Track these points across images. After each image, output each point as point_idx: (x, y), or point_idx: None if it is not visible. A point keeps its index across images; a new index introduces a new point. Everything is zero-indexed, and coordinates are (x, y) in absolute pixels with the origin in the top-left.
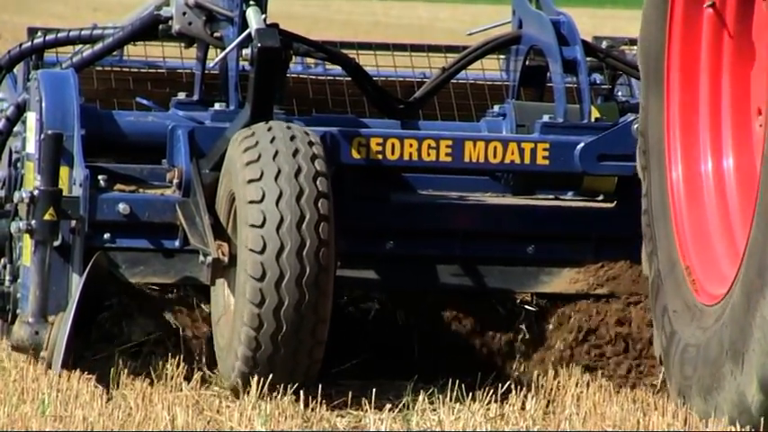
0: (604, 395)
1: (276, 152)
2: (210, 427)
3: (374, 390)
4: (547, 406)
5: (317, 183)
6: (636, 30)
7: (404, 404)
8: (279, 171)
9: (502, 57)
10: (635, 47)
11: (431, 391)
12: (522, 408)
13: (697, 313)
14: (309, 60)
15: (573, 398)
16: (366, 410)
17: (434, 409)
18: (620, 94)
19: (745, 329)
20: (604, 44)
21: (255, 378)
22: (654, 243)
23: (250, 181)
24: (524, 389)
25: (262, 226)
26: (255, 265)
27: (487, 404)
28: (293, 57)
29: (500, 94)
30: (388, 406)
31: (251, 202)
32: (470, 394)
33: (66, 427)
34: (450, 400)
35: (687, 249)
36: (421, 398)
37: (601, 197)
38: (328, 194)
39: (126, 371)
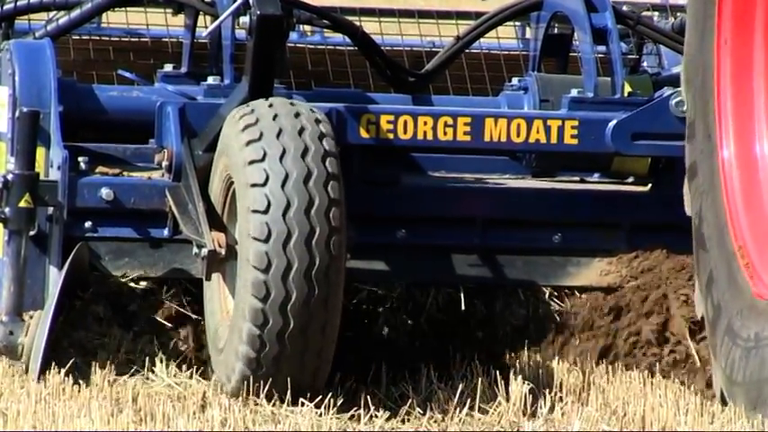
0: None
1: (280, 130)
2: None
3: None
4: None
5: (327, 163)
6: None
7: None
8: (284, 151)
9: (518, 24)
10: (657, 12)
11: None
12: None
13: (758, 310)
14: (306, 28)
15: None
16: None
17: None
18: (645, 64)
19: None
20: (624, 9)
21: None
22: (703, 237)
23: (251, 162)
24: None
25: (266, 211)
26: (259, 254)
27: None
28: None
29: (517, 66)
30: None
31: (253, 185)
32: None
33: None
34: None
35: (743, 239)
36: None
37: (631, 179)
38: (339, 176)
39: None
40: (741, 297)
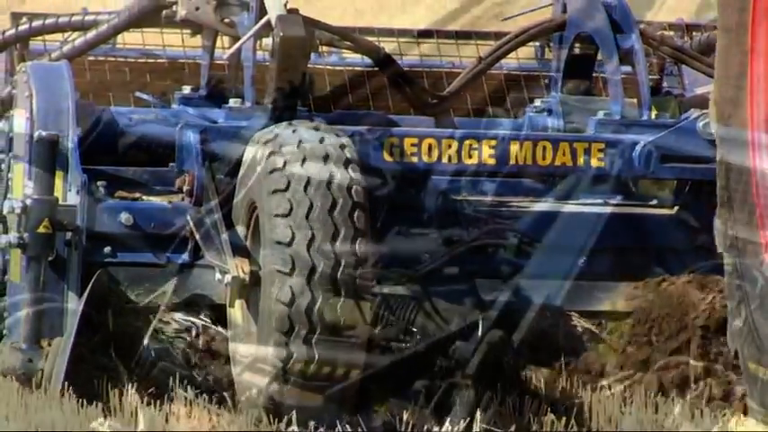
0: None
1: (304, 158)
2: None
3: None
4: None
5: (352, 192)
6: None
7: None
8: (308, 180)
9: (536, 44)
10: (673, 32)
11: None
12: None
13: None
14: (323, 48)
15: None
16: None
17: None
18: (665, 85)
19: None
20: (642, 28)
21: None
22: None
23: (275, 191)
24: None
25: (290, 244)
26: (283, 288)
27: None
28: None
29: (538, 86)
30: None
31: (277, 215)
32: None
33: None
34: None
35: None
36: None
37: (654, 201)
38: (365, 205)
39: None
40: None
